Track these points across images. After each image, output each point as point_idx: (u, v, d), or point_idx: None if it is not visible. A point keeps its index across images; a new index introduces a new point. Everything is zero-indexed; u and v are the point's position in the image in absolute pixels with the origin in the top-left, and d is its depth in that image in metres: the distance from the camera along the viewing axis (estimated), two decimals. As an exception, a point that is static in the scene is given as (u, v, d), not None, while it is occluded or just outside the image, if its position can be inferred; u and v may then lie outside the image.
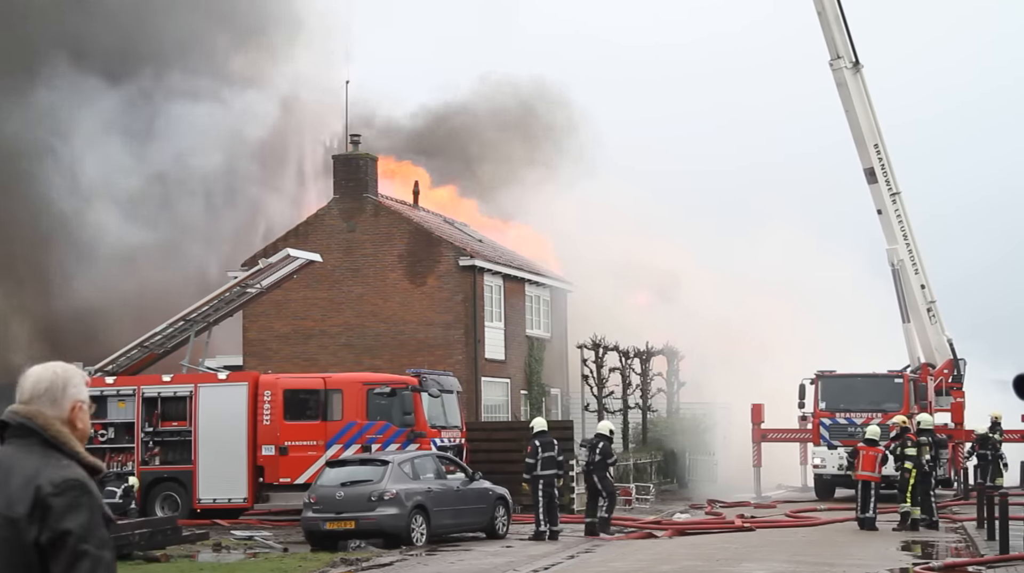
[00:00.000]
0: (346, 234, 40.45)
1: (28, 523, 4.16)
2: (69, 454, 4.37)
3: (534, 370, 43.62)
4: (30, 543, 4.16)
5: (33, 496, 4.20)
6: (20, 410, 4.40)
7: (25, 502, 4.19)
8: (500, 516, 25.91)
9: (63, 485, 4.22)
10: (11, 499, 4.21)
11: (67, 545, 4.15)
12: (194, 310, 32.46)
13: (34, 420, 4.38)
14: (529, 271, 44.06)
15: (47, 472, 4.25)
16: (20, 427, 4.36)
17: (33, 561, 4.17)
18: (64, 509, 4.18)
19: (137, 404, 30.71)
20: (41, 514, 4.17)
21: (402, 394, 29.50)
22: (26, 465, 4.27)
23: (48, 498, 4.19)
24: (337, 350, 39.93)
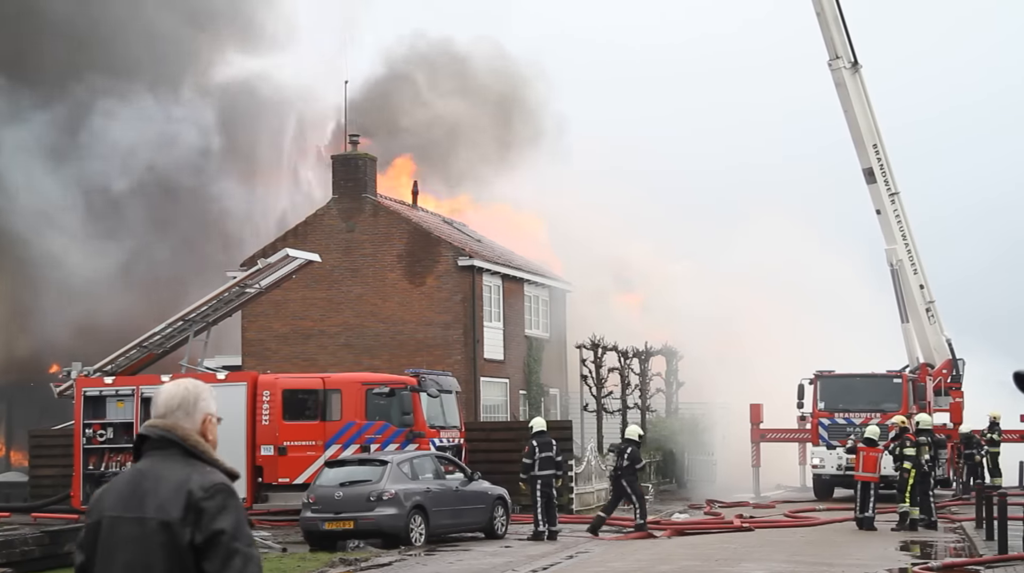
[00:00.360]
0: (345, 234, 40.45)
1: (182, 526, 4.52)
2: (209, 462, 4.78)
3: (533, 370, 43.62)
4: (185, 544, 4.51)
5: (185, 501, 4.56)
6: (159, 424, 4.77)
7: (178, 507, 4.54)
8: (499, 516, 25.91)
9: (212, 489, 4.61)
10: (164, 504, 4.56)
11: (221, 544, 4.51)
12: (193, 310, 32.45)
13: (174, 432, 4.78)
14: (528, 271, 44.07)
15: (196, 478, 4.63)
16: (161, 439, 4.74)
17: (188, 561, 4.50)
18: (216, 511, 4.55)
19: (136, 404, 30.70)
20: (194, 517, 4.53)
21: (401, 394, 29.49)
22: (173, 473, 4.64)
23: (200, 502, 4.56)
24: (336, 350, 39.94)
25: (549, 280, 45.69)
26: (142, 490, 4.64)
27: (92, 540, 4.73)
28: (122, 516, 4.64)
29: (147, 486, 4.64)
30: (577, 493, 32.00)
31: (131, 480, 4.73)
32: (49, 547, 20.05)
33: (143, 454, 4.77)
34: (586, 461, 33.32)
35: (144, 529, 4.56)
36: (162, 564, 4.53)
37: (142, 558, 4.55)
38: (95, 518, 4.75)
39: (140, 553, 4.55)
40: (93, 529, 4.73)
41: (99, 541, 4.70)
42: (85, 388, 31.41)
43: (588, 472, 33.36)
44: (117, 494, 4.72)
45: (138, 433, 4.80)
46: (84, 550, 4.78)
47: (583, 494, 32.68)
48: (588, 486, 33.24)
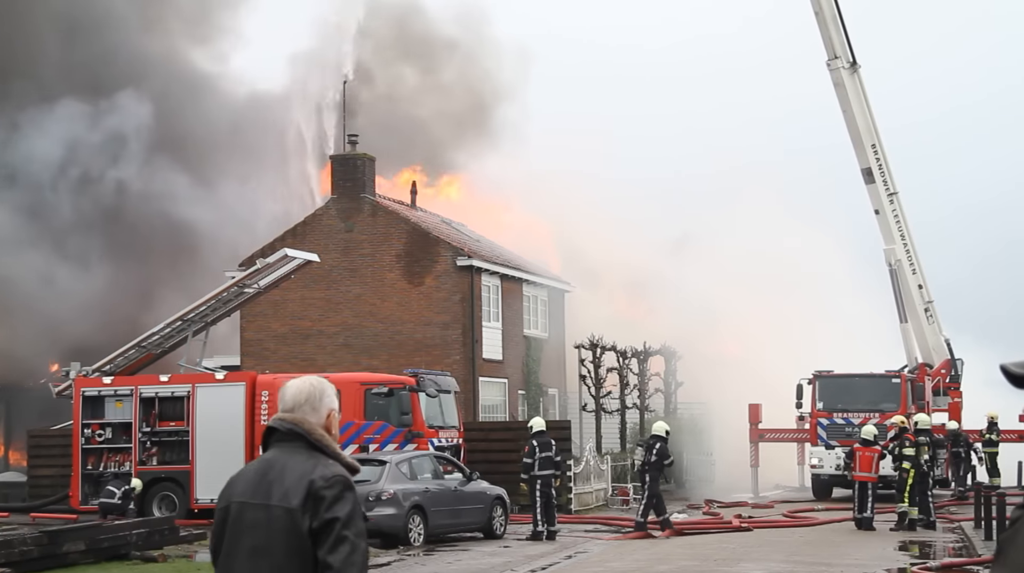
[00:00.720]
0: (344, 234, 40.44)
1: (302, 513, 4.80)
2: (332, 455, 5.01)
3: (532, 370, 43.62)
4: (305, 530, 4.79)
5: (306, 489, 4.83)
6: (287, 417, 5.05)
7: (299, 495, 4.82)
8: (498, 516, 25.91)
9: (332, 480, 4.86)
10: (288, 492, 4.85)
11: (333, 530, 4.77)
12: (192, 310, 32.46)
13: (300, 426, 5.03)
14: (527, 271, 44.06)
15: (319, 469, 4.90)
16: (288, 432, 5.01)
17: (307, 546, 4.79)
18: (332, 500, 4.81)
19: (135, 404, 30.71)
20: (313, 505, 4.80)
21: (399, 394, 29.49)
22: (298, 464, 4.92)
23: (320, 491, 4.82)
24: (335, 350, 39.93)
25: (548, 280, 45.68)
26: (268, 479, 4.93)
27: (221, 525, 5.03)
28: (249, 502, 4.94)
29: (273, 475, 4.93)
30: (576, 493, 32.00)
31: (259, 469, 5.01)
32: (48, 547, 20.03)
33: (270, 445, 5.07)
34: (585, 461, 33.32)
35: (269, 515, 4.86)
36: (283, 548, 4.81)
37: (266, 542, 4.85)
38: (224, 504, 5.04)
39: (264, 537, 4.85)
40: (223, 514, 5.03)
41: (227, 525, 4.98)
42: (84, 388, 31.40)
43: (587, 472, 33.36)
44: (246, 482, 5.01)
45: (267, 425, 5.09)
46: (214, 534, 5.09)
47: (582, 494, 32.68)
48: (587, 486, 33.24)
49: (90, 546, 20.91)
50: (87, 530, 21.56)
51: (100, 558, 21.00)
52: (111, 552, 21.29)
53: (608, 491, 34.57)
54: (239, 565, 4.90)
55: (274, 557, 4.82)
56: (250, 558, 4.87)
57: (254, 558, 4.86)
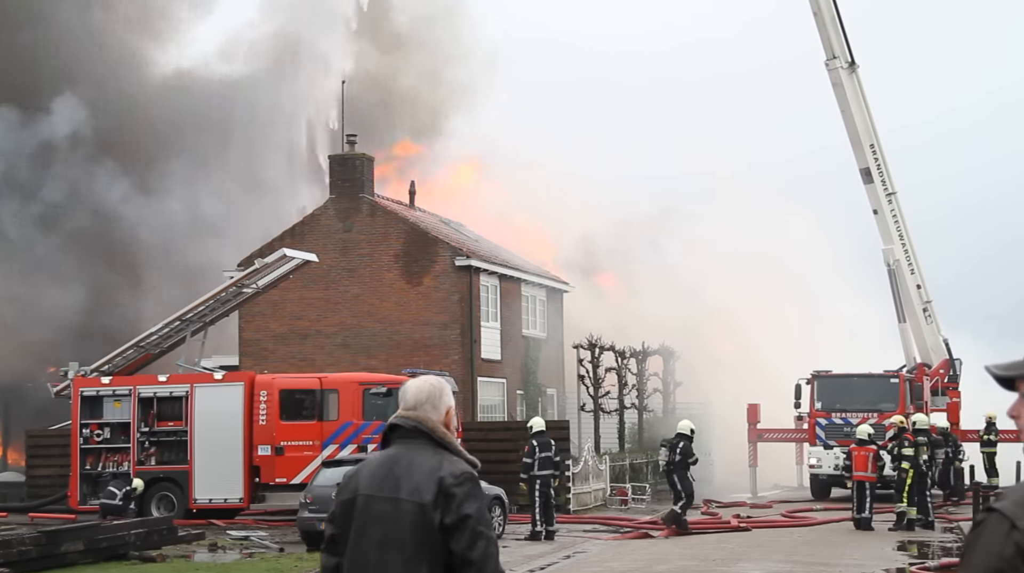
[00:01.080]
0: (342, 234, 40.44)
1: (433, 508, 5.01)
2: (454, 451, 5.24)
3: (530, 370, 43.62)
4: (436, 525, 5.01)
5: (437, 486, 5.05)
6: (411, 415, 5.27)
7: (430, 491, 5.04)
8: (496, 516, 25.87)
9: (462, 477, 5.08)
10: (417, 488, 5.06)
11: (468, 526, 5.01)
12: (190, 310, 32.46)
13: (424, 424, 5.25)
14: (525, 271, 44.07)
15: (447, 466, 5.11)
16: (412, 430, 5.23)
17: (437, 539, 5.00)
18: (464, 497, 5.04)
19: (133, 404, 30.70)
20: (444, 501, 5.02)
21: (398, 394, 29.44)
22: (425, 461, 5.14)
23: (451, 488, 5.04)
24: (333, 350, 39.93)
25: (546, 280, 45.69)
26: (396, 474, 5.14)
27: (346, 515, 5.22)
28: (376, 495, 5.14)
29: (399, 471, 5.14)
30: (574, 493, 31.99)
31: (384, 463, 5.22)
32: (46, 547, 20.02)
33: (392, 441, 5.29)
34: (583, 461, 33.31)
35: (398, 508, 5.07)
36: (412, 540, 5.02)
37: (395, 534, 5.07)
38: (349, 496, 5.23)
39: (393, 529, 5.07)
40: (347, 505, 5.22)
41: (353, 516, 5.19)
42: (82, 388, 31.40)
43: (585, 472, 33.35)
44: (371, 475, 5.21)
45: (390, 422, 5.33)
46: (335, 524, 5.28)
47: (580, 494, 32.67)
48: (585, 486, 33.23)
49: (88, 546, 20.91)
50: (85, 530, 21.56)
51: (99, 558, 21.00)
52: (109, 552, 21.29)
53: (607, 491, 34.56)
54: (367, 554, 5.12)
55: (404, 548, 5.03)
56: (379, 548, 5.09)
57: (383, 548, 5.08)
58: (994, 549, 3.31)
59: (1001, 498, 3.44)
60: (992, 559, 3.30)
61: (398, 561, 5.03)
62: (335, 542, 5.26)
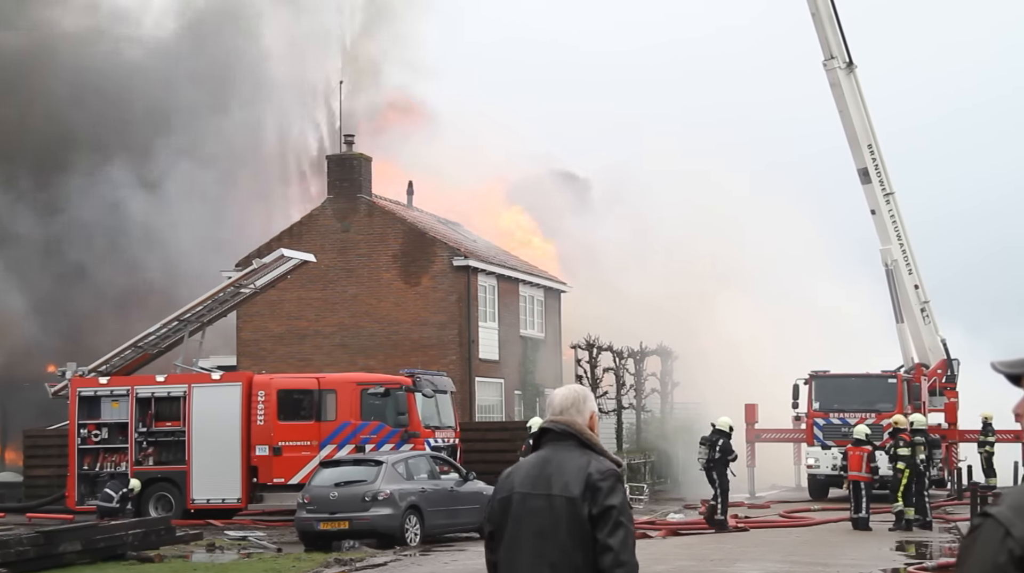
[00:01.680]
0: (340, 234, 40.44)
1: (582, 501, 5.56)
2: (599, 451, 5.75)
3: (528, 370, 43.62)
4: (585, 516, 5.56)
5: (585, 481, 5.59)
6: (559, 420, 5.79)
7: (579, 486, 5.58)
8: (494, 516, 25.88)
9: (607, 473, 5.63)
10: (568, 484, 5.61)
11: (611, 516, 5.55)
12: (188, 310, 32.47)
13: (572, 426, 5.77)
14: (523, 271, 44.07)
15: (594, 464, 5.65)
16: (562, 433, 5.76)
17: (587, 529, 5.55)
18: (608, 490, 5.58)
19: (131, 404, 30.70)
20: (591, 494, 5.57)
21: (396, 394, 29.50)
22: (574, 460, 5.68)
23: (597, 482, 5.58)
24: (331, 350, 39.92)
25: (544, 280, 45.69)
26: (547, 473, 5.69)
27: (502, 512, 5.77)
28: (531, 493, 5.69)
29: (551, 470, 5.69)
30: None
31: (536, 464, 5.77)
32: (44, 547, 20.02)
33: (543, 444, 5.83)
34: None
35: (551, 503, 5.62)
36: (565, 530, 5.58)
37: (549, 526, 5.61)
38: (505, 494, 5.78)
39: (547, 522, 5.62)
40: (504, 503, 5.77)
41: (510, 512, 5.72)
42: (80, 388, 31.39)
43: (583, 472, 33.34)
44: (524, 475, 5.77)
45: (541, 427, 5.85)
46: (492, 521, 5.85)
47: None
48: (583, 486, 33.21)
49: (86, 546, 20.91)
50: (83, 530, 21.56)
51: (96, 558, 20.99)
52: (107, 552, 21.28)
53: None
54: (525, 546, 5.67)
55: (558, 538, 5.59)
56: (535, 540, 5.64)
57: (539, 540, 5.64)
58: (988, 556, 3.29)
59: (997, 502, 3.42)
60: (986, 566, 3.28)
61: (553, 550, 5.60)
62: (493, 539, 5.86)
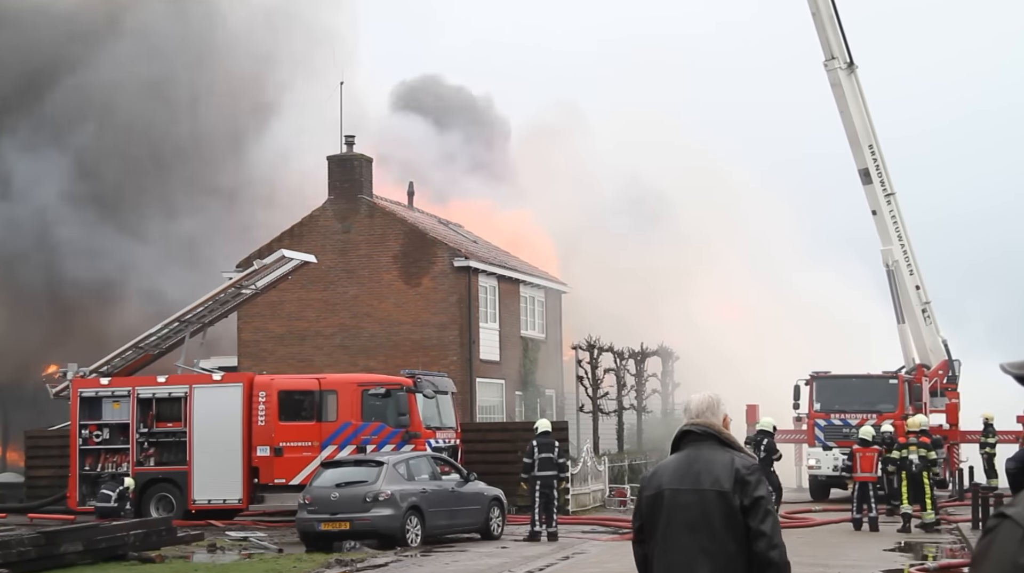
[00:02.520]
0: (341, 235, 40.44)
1: (732, 494, 6.11)
2: (737, 448, 6.33)
3: (529, 371, 43.61)
4: (736, 507, 6.11)
5: (734, 476, 6.14)
6: (700, 421, 6.34)
7: (729, 480, 6.13)
8: (495, 517, 25.90)
9: (752, 468, 6.23)
10: (719, 478, 6.14)
11: (760, 506, 6.14)
12: (189, 311, 32.47)
13: (712, 427, 6.32)
14: (523, 272, 44.07)
15: (739, 460, 6.22)
16: (703, 434, 6.30)
17: (738, 518, 6.11)
18: (756, 483, 6.17)
19: (132, 405, 30.70)
20: (740, 487, 6.12)
21: (397, 395, 29.50)
22: (718, 457, 6.23)
23: (745, 477, 6.15)
24: (332, 351, 39.92)
25: (545, 281, 45.69)
26: (695, 470, 6.20)
27: (652, 507, 6.26)
28: (680, 488, 6.20)
29: (699, 467, 6.21)
30: (573, 494, 31.99)
31: (682, 462, 6.28)
32: (45, 548, 20.03)
33: (684, 445, 6.34)
34: (582, 462, 33.31)
35: (701, 497, 6.14)
36: (718, 520, 6.11)
37: (701, 517, 6.13)
38: (653, 491, 6.28)
39: (699, 514, 6.13)
40: (654, 499, 6.26)
41: (662, 507, 6.21)
42: (81, 389, 31.40)
43: (584, 473, 33.36)
44: (672, 473, 6.27)
45: (681, 430, 6.38)
46: (641, 516, 6.34)
47: (579, 495, 32.67)
48: (584, 487, 33.24)
49: (88, 547, 20.91)
50: (85, 531, 21.56)
51: (98, 559, 21.00)
52: (109, 553, 21.29)
53: (605, 492, 34.58)
54: (679, 537, 6.18)
55: (711, 528, 6.11)
56: (688, 531, 6.15)
57: (692, 531, 6.14)
58: (1006, 557, 3.27)
59: (1014, 504, 3.40)
60: (1004, 567, 3.27)
61: (706, 539, 6.12)
62: (643, 532, 6.35)
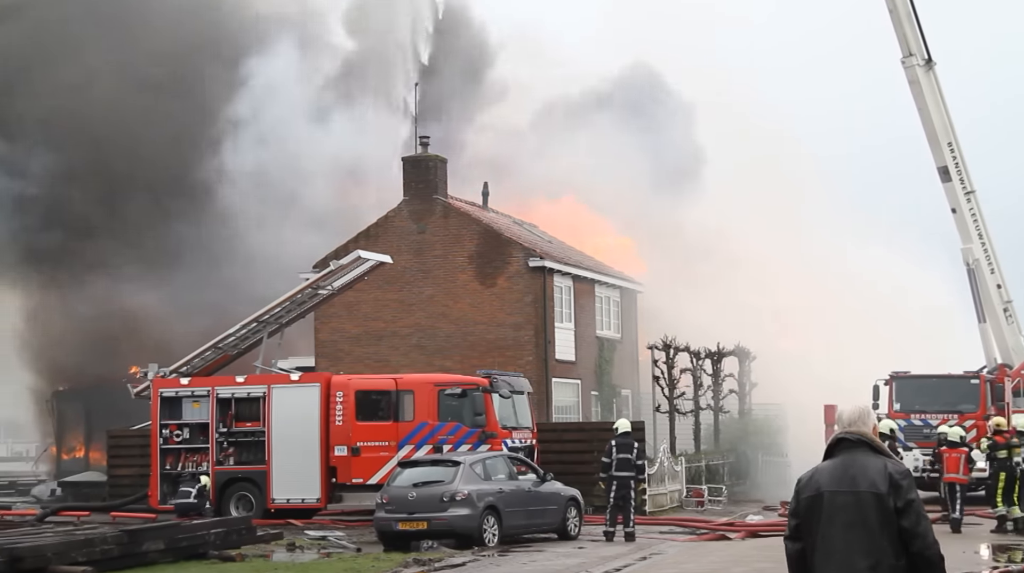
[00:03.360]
0: (416, 235, 40.61)
1: (887, 496, 6.78)
2: (888, 455, 6.98)
3: (604, 371, 43.53)
4: (890, 508, 6.76)
5: (888, 480, 6.81)
6: (853, 430, 7.02)
7: (884, 483, 6.80)
8: (572, 517, 25.86)
9: (904, 473, 6.88)
10: (875, 482, 6.81)
11: (913, 508, 6.78)
12: (267, 311, 32.74)
13: (865, 436, 7.00)
14: (599, 272, 43.99)
15: (891, 465, 6.88)
16: (857, 441, 6.98)
17: (892, 518, 6.75)
18: (908, 487, 6.82)
19: (212, 405, 31.02)
20: (894, 490, 6.79)
21: (473, 395, 29.55)
22: (872, 462, 6.89)
23: (899, 481, 6.82)
24: (408, 351, 40.09)
25: (620, 281, 45.58)
26: (851, 474, 6.87)
27: (810, 508, 6.91)
28: (838, 490, 6.85)
29: (854, 471, 6.87)
30: (650, 494, 31.86)
31: (839, 467, 6.94)
32: (128, 546, 20.28)
33: (838, 452, 7.00)
34: (659, 462, 33.18)
35: (858, 499, 6.80)
36: (875, 518, 6.75)
37: (858, 517, 6.77)
38: (813, 493, 6.93)
39: (857, 513, 6.78)
40: (812, 500, 6.91)
41: (821, 508, 6.86)
42: (161, 389, 31.78)
43: (661, 473, 33.22)
44: (828, 477, 6.92)
45: (836, 437, 7.05)
46: (798, 515, 6.99)
47: (656, 496, 32.54)
48: (661, 488, 33.10)
49: (169, 545, 21.15)
50: (166, 529, 21.81)
51: (179, 557, 21.23)
52: (189, 551, 21.51)
53: (683, 492, 34.41)
54: (837, 534, 6.81)
55: (867, 528, 6.76)
56: (846, 530, 6.79)
57: (849, 529, 6.78)
58: None
59: None
60: None
61: (863, 537, 6.75)
62: (799, 530, 6.98)
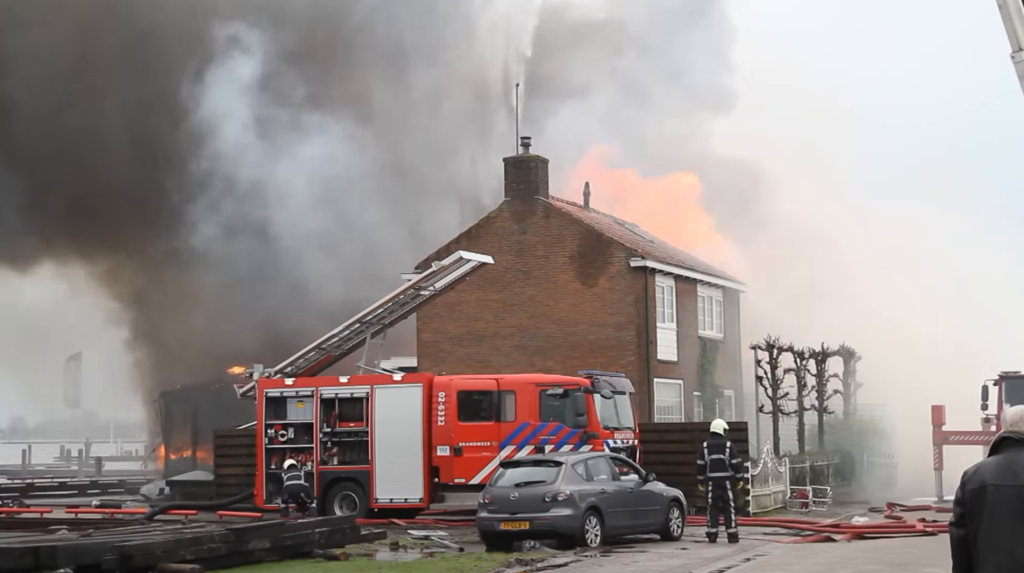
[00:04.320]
0: (517, 236, 40.67)
1: None
2: None
3: (707, 371, 43.24)
4: None
5: None
6: (1016, 429, 7.41)
7: None
8: (674, 518, 25.73)
9: None
10: None
11: None
12: (370, 312, 33.01)
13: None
14: (701, 272, 43.71)
15: None
16: (1021, 440, 7.37)
17: None
18: None
19: (315, 405, 31.35)
20: None
21: (575, 395, 29.53)
22: None
23: None
24: (509, 351, 40.16)
25: (722, 280, 45.25)
26: (1014, 469, 7.27)
27: (975, 498, 7.32)
28: (1001, 484, 7.26)
29: (1017, 467, 7.27)
30: (754, 495, 31.59)
31: (1003, 463, 7.34)
32: (234, 544, 20.56)
33: (1003, 449, 7.40)
34: (762, 463, 32.88)
35: (1020, 491, 7.21)
36: None
37: (1019, 508, 7.19)
38: (977, 485, 7.33)
39: (1017, 505, 7.21)
40: (977, 492, 7.32)
41: (986, 499, 7.27)
42: (266, 389, 32.18)
43: (764, 474, 32.92)
44: (995, 470, 7.33)
45: (1000, 436, 7.45)
46: (964, 505, 7.38)
47: (760, 496, 32.26)
48: (765, 489, 32.80)
49: (274, 544, 21.40)
50: (272, 528, 22.08)
51: (284, 556, 21.47)
52: (294, 550, 21.76)
53: (787, 493, 34.07)
54: (1001, 523, 7.22)
55: None
56: (1009, 518, 7.22)
57: (1011, 519, 7.21)
58: None
59: None
60: None
61: None
62: (963, 518, 7.38)
